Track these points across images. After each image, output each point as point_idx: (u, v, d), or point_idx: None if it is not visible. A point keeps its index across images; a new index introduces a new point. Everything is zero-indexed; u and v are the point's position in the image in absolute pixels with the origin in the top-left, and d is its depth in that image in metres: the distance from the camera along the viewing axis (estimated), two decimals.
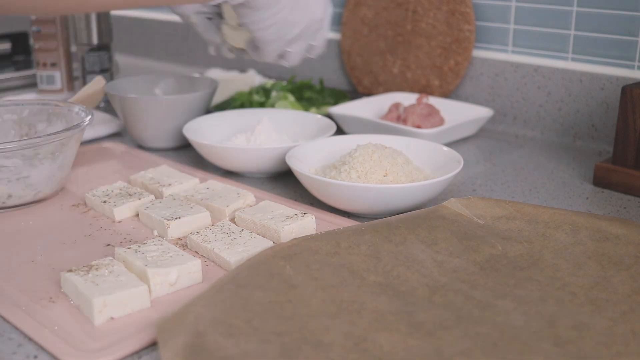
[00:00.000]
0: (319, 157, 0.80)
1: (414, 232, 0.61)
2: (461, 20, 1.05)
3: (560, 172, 0.87)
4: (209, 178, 0.81)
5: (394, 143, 0.80)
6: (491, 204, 0.66)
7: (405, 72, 1.13)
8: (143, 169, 0.85)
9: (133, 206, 0.72)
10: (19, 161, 0.71)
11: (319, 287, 0.52)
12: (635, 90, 0.77)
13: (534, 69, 1.00)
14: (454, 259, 0.58)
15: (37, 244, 0.65)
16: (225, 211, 0.70)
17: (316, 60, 1.26)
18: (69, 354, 0.48)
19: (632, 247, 0.59)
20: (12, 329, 0.52)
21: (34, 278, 0.59)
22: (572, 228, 0.62)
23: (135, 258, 0.58)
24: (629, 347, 0.45)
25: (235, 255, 0.60)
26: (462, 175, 0.85)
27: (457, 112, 1.01)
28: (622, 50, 0.92)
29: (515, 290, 0.53)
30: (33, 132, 0.84)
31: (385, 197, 0.67)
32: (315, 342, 0.46)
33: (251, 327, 0.47)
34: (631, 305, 0.50)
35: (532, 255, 0.58)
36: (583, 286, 0.53)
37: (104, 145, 0.96)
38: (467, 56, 1.06)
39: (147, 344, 0.49)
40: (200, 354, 0.44)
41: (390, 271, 0.56)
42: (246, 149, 0.79)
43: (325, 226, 0.68)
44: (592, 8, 0.93)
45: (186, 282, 0.57)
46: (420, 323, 0.49)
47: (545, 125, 1.01)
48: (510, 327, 0.48)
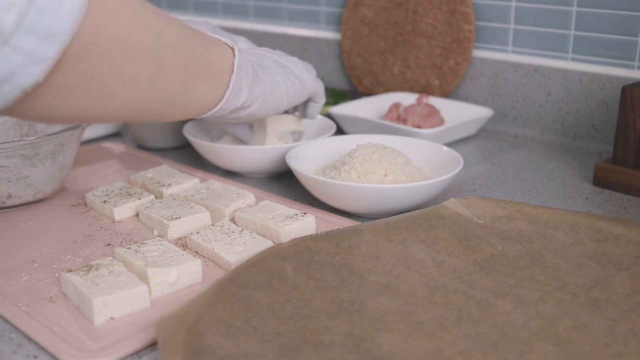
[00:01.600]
0: (319, 157, 0.80)
1: (414, 232, 0.61)
2: (461, 20, 1.05)
3: (560, 172, 0.87)
4: (209, 178, 0.81)
5: (394, 143, 0.80)
6: (491, 204, 0.66)
7: (405, 72, 1.13)
8: (143, 169, 0.85)
9: (133, 206, 0.72)
10: (19, 161, 0.71)
11: (319, 287, 0.52)
12: (635, 90, 0.77)
13: (534, 69, 1.00)
14: (454, 259, 0.58)
15: (37, 244, 0.65)
16: (225, 211, 0.70)
17: (316, 60, 1.27)
18: (69, 354, 0.48)
19: (632, 247, 0.59)
20: (12, 329, 0.52)
21: (34, 278, 0.59)
22: (572, 228, 0.62)
23: (135, 258, 0.58)
24: (629, 347, 0.45)
25: (235, 255, 0.60)
26: (462, 175, 0.85)
27: (457, 112, 1.01)
28: (622, 50, 0.92)
29: (515, 290, 0.53)
30: (33, 132, 0.84)
31: (385, 197, 0.67)
32: (315, 342, 0.46)
33: (251, 327, 0.47)
34: (631, 305, 0.50)
35: (532, 255, 0.58)
36: (583, 286, 0.53)
37: (104, 145, 0.96)
38: (467, 56, 1.06)
39: (147, 344, 0.49)
40: (200, 354, 0.44)
41: (390, 271, 0.56)
42: (246, 149, 0.79)
43: (325, 226, 0.68)
44: (592, 8, 0.93)
45: (186, 282, 0.57)
46: (420, 323, 0.49)
47: (545, 125, 1.01)
48: (510, 327, 0.48)
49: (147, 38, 0.51)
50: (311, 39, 1.28)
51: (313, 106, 0.81)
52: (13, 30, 0.40)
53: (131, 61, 0.50)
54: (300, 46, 1.30)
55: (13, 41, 0.41)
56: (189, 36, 0.57)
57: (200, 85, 0.59)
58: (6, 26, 0.40)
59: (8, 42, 0.41)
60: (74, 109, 0.50)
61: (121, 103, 0.52)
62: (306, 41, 1.29)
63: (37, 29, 0.41)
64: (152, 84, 0.53)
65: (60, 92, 0.47)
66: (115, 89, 0.50)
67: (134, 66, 0.50)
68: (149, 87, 0.53)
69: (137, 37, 0.50)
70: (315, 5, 1.26)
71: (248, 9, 1.39)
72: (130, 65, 0.50)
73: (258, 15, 1.38)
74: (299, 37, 1.30)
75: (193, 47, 0.57)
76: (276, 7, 1.34)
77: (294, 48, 1.30)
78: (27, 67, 0.42)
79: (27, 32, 0.41)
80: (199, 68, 0.58)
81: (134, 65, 0.50)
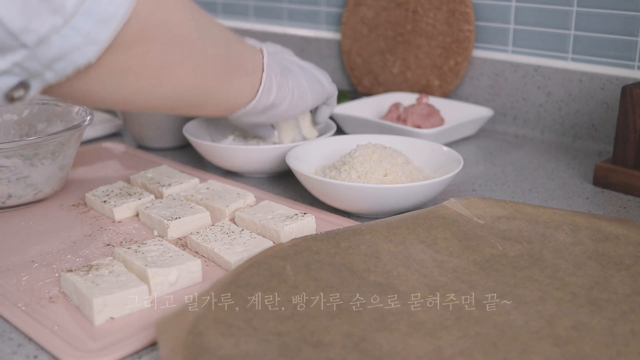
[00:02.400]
0: (319, 157, 0.80)
1: (414, 232, 0.61)
2: (461, 20, 1.05)
3: (560, 172, 0.87)
4: (209, 178, 0.81)
5: (394, 143, 0.80)
6: (491, 204, 0.66)
7: (405, 72, 1.13)
8: (143, 169, 0.85)
9: (133, 206, 0.72)
10: (19, 161, 0.71)
11: (319, 287, 0.52)
12: (635, 90, 0.77)
13: (534, 69, 1.00)
14: (453, 259, 0.58)
15: (37, 244, 0.65)
16: (225, 211, 0.70)
17: (316, 60, 1.26)
18: (69, 354, 0.48)
19: (632, 247, 0.59)
20: (12, 329, 0.52)
21: (34, 278, 0.59)
22: (572, 228, 0.62)
23: (135, 258, 0.58)
24: (629, 347, 0.45)
25: (235, 255, 0.60)
26: (462, 175, 0.85)
27: (457, 112, 1.01)
28: (622, 50, 0.92)
29: (515, 290, 0.53)
30: (33, 132, 0.84)
31: (385, 197, 0.67)
32: (315, 342, 0.46)
33: (251, 327, 0.47)
34: (631, 305, 0.50)
35: (532, 255, 0.58)
36: (583, 286, 0.53)
37: (104, 145, 0.96)
38: (467, 56, 1.06)
39: (147, 344, 0.49)
40: (200, 354, 0.44)
41: (390, 271, 0.56)
42: (246, 149, 0.79)
43: (325, 226, 0.68)
44: (592, 8, 0.93)
45: (186, 282, 0.57)
46: (420, 323, 0.49)
47: (545, 125, 1.01)
48: (510, 327, 0.48)
49: (192, 27, 0.55)
50: (311, 39, 1.28)
51: (325, 108, 0.82)
52: (74, 11, 0.43)
53: (179, 48, 0.54)
54: (300, 46, 1.30)
55: (73, 22, 0.44)
56: (226, 32, 0.62)
57: (237, 80, 0.63)
58: (69, 7, 0.43)
59: (68, 23, 0.43)
60: (126, 92, 0.53)
61: (169, 89, 0.56)
62: (306, 41, 1.29)
63: (95, 13, 0.44)
64: (196, 73, 0.57)
65: (116, 74, 0.50)
66: (164, 74, 0.54)
67: (181, 53, 0.55)
68: (193, 76, 0.57)
69: (184, 25, 0.54)
70: (315, 5, 1.26)
71: (248, 9, 1.39)
72: (178, 52, 0.54)
73: (258, 15, 1.38)
74: (299, 37, 1.30)
75: (230, 42, 0.62)
76: (276, 7, 1.34)
77: (294, 48, 1.30)
78: (83, 47, 0.45)
79: (86, 14, 0.44)
80: (235, 62, 0.63)
81: (181, 52, 0.54)
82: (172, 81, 0.56)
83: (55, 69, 0.46)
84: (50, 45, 0.44)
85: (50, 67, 0.45)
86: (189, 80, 0.57)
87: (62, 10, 0.43)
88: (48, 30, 0.43)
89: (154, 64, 0.53)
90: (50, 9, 0.42)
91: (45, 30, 0.43)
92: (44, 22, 0.43)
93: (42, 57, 0.44)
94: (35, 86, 0.47)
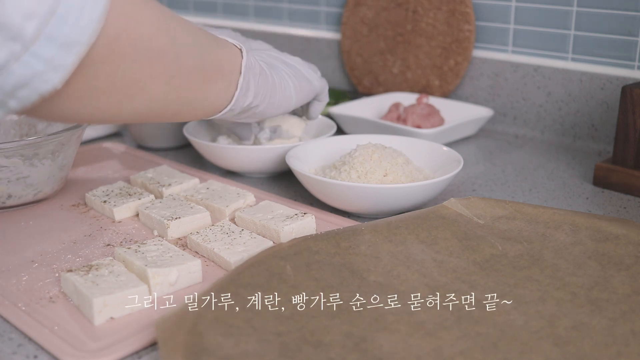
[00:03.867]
0: (319, 157, 0.80)
1: (414, 232, 0.61)
2: (461, 20, 1.05)
3: (560, 172, 0.87)
4: (209, 178, 0.81)
5: (394, 143, 0.80)
6: (491, 204, 0.66)
7: (405, 72, 1.13)
8: (143, 169, 0.85)
9: (133, 206, 0.72)
10: (19, 161, 0.71)
11: (319, 287, 0.52)
12: (635, 90, 0.77)
13: (534, 69, 1.00)
14: (453, 259, 0.58)
15: (37, 244, 0.65)
16: (225, 211, 0.70)
17: (316, 60, 1.26)
18: (69, 354, 0.48)
19: (632, 247, 0.59)
20: (12, 329, 0.52)
21: (34, 278, 0.59)
22: (572, 228, 0.62)
23: (135, 258, 0.58)
24: (629, 347, 0.45)
25: (235, 255, 0.60)
26: (462, 175, 0.85)
27: (457, 112, 1.01)
28: (622, 50, 0.92)
29: (515, 290, 0.53)
30: (33, 132, 0.84)
31: (385, 197, 0.67)
32: (315, 342, 0.46)
33: (251, 327, 0.47)
34: (631, 305, 0.50)
35: (532, 255, 0.58)
36: (583, 286, 0.53)
37: (104, 145, 0.96)
38: (467, 56, 1.06)
39: (147, 344, 0.49)
40: (200, 354, 0.44)
41: (390, 271, 0.56)
42: (246, 149, 0.79)
43: (325, 226, 0.68)
44: (592, 8, 0.93)
45: (186, 282, 0.57)
46: (420, 323, 0.49)
47: (545, 125, 1.01)
48: (510, 327, 0.48)
49: (165, 41, 0.52)
50: (311, 39, 1.28)
51: (317, 104, 0.81)
52: (34, 38, 0.41)
53: (151, 63, 0.51)
54: (300, 46, 1.30)
55: (33, 48, 0.41)
56: (202, 39, 0.59)
57: (213, 86, 0.61)
58: (28, 34, 0.41)
59: (28, 49, 0.41)
60: (96, 111, 0.51)
61: (141, 104, 0.54)
62: (306, 41, 1.29)
63: (57, 38, 0.42)
64: (170, 85, 0.55)
65: (84, 95, 0.48)
66: (135, 90, 0.52)
67: (153, 68, 0.52)
68: (167, 88, 0.55)
69: (156, 40, 0.51)
70: (315, 5, 1.26)
71: (248, 9, 1.39)
72: (149, 67, 0.51)
73: (258, 15, 1.38)
74: (299, 37, 1.30)
75: (206, 49, 0.59)
76: (276, 7, 1.34)
77: (294, 48, 1.30)
78: (45, 73, 0.43)
79: (47, 40, 0.42)
80: (211, 70, 0.60)
81: (153, 67, 0.52)
82: (144, 96, 0.53)
83: (18, 97, 0.43)
84: (9, 74, 0.41)
85: (13, 95, 0.43)
86: (162, 92, 0.55)
87: (21, 36, 0.40)
88: (5, 58, 0.41)
89: (125, 81, 0.50)
90: (8, 36, 0.40)
91: (2, 58, 0.40)
92: (0, 50, 0.40)
93: (3, 86, 0.42)
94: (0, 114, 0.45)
